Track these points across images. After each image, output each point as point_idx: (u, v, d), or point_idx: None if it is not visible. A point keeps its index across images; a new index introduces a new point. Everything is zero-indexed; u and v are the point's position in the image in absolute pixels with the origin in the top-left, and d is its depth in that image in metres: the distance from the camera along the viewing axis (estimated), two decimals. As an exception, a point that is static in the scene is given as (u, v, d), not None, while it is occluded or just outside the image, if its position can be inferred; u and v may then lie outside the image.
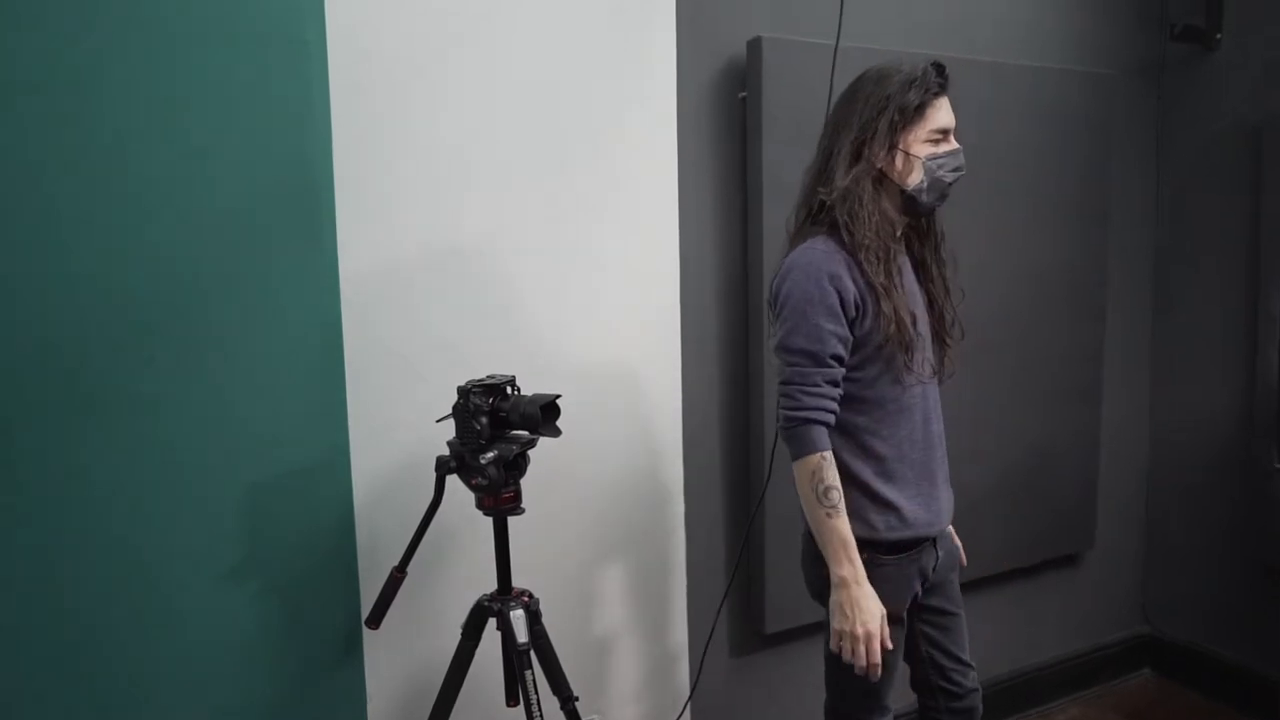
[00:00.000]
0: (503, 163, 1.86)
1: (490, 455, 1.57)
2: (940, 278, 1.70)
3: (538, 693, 1.60)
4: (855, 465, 1.57)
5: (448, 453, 1.62)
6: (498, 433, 1.60)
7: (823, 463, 1.50)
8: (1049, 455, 2.65)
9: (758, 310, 2.11)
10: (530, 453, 1.63)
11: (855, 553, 1.51)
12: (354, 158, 1.71)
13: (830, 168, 1.57)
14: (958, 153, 1.58)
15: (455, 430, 1.61)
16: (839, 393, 1.53)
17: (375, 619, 1.62)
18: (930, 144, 1.55)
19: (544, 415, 1.56)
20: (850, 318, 1.52)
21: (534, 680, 1.60)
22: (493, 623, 1.65)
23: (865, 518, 1.56)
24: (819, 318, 1.50)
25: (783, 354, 1.54)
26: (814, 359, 1.50)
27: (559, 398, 1.59)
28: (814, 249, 1.54)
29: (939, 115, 1.56)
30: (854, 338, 1.54)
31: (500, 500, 1.61)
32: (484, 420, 1.57)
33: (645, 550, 2.12)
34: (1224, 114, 2.71)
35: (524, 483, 1.63)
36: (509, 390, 1.61)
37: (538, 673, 1.62)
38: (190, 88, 1.56)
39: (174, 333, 1.57)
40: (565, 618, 1.97)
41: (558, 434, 1.60)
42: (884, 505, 1.57)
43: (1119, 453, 2.90)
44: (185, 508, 1.60)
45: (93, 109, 1.49)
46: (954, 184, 1.59)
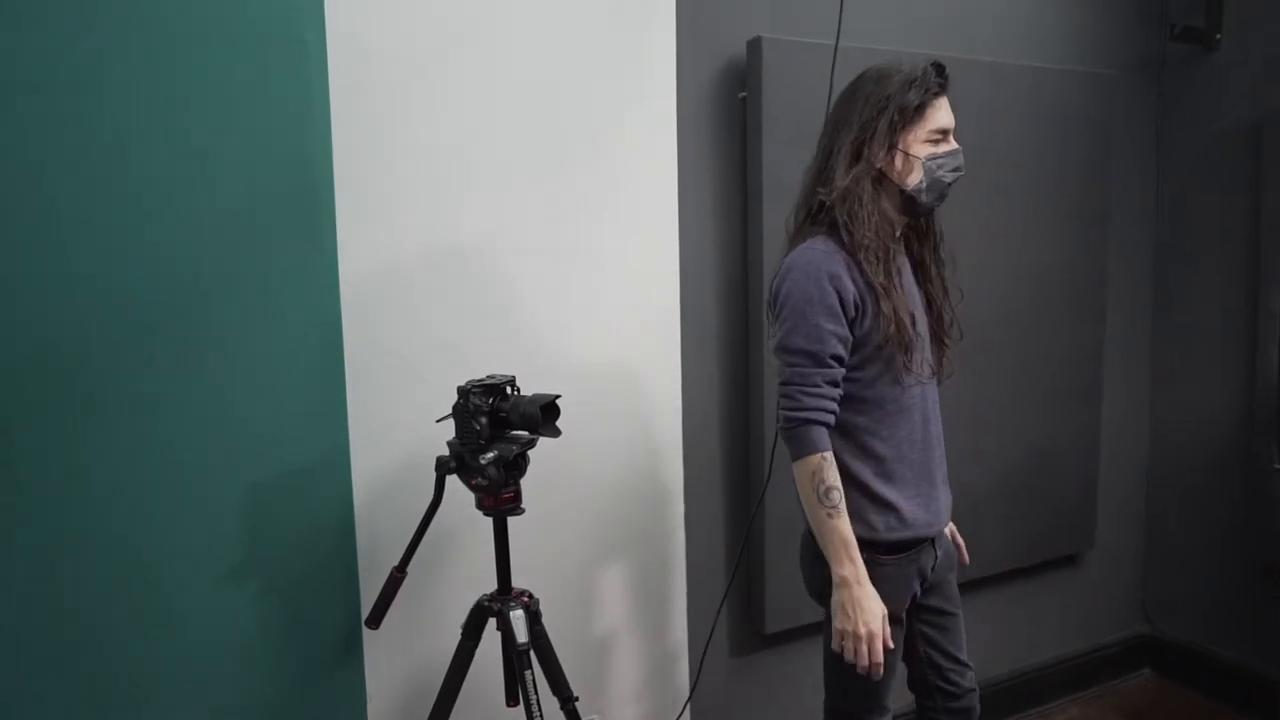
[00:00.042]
0: (503, 163, 1.86)
1: (490, 455, 1.57)
2: (939, 278, 1.70)
3: (537, 693, 1.60)
4: (855, 466, 1.57)
5: (448, 453, 1.62)
6: (498, 433, 1.60)
7: (823, 463, 1.50)
8: (1049, 455, 2.65)
9: (757, 310, 2.11)
10: (530, 453, 1.63)
11: (857, 552, 1.51)
12: (354, 158, 1.71)
13: (830, 167, 1.56)
14: (957, 153, 1.58)
15: (455, 430, 1.61)
16: (839, 393, 1.53)
17: (375, 619, 1.62)
18: (930, 144, 1.55)
19: (544, 415, 1.56)
20: (850, 318, 1.52)
21: (534, 680, 1.60)
22: (493, 623, 1.65)
23: (865, 518, 1.56)
24: (819, 318, 1.50)
25: (782, 354, 1.53)
26: (814, 359, 1.50)
27: (559, 398, 1.59)
28: (813, 249, 1.54)
29: (939, 115, 1.56)
30: (854, 338, 1.54)
31: (500, 500, 1.61)
32: (484, 420, 1.57)
33: (645, 550, 2.12)
34: (1224, 112, 2.71)
35: (524, 483, 1.63)
36: (509, 390, 1.61)
37: (537, 673, 1.62)
38: (190, 88, 1.56)
39: (174, 333, 1.57)
40: (565, 618, 1.97)
41: (558, 434, 1.60)
42: (883, 506, 1.57)
43: (1119, 452, 2.90)
44: (185, 508, 1.61)
45: (93, 109, 1.49)
46: (953, 184, 1.59)
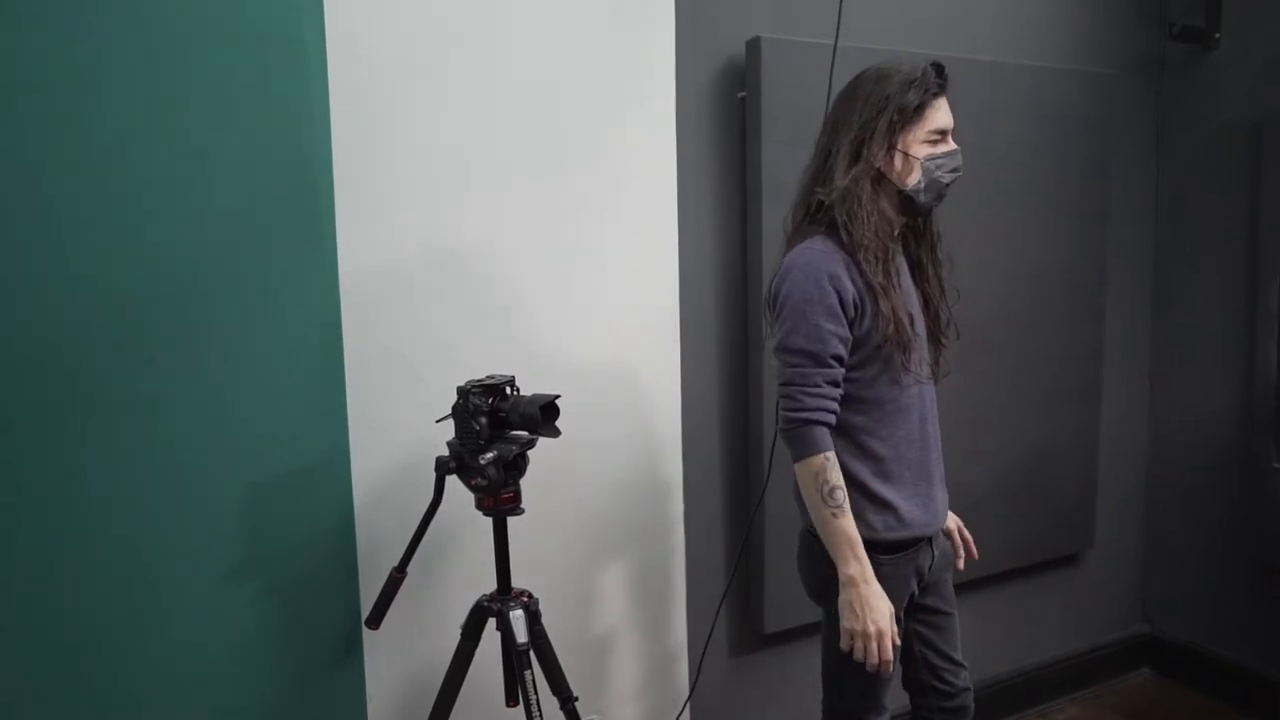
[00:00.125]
0: (503, 163, 1.86)
1: (490, 455, 1.57)
2: (936, 278, 1.69)
3: (537, 693, 1.60)
4: (853, 465, 1.57)
5: (447, 453, 1.62)
6: (497, 433, 1.60)
7: (826, 463, 1.50)
8: (1049, 455, 2.65)
9: (757, 310, 2.11)
10: (530, 453, 1.63)
11: (863, 551, 1.51)
12: (354, 158, 1.71)
13: (829, 167, 1.56)
14: (956, 153, 1.58)
15: (455, 430, 1.61)
16: (839, 393, 1.53)
17: (375, 619, 1.62)
18: (929, 144, 1.55)
19: (543, 415, 1.56)
20: (849, 318, 1.52)
21: (534, 680, 1.60)
22: (492, 623, 1.65)
23: (863, 518, 1.56)
24: (819, 318, 1.50)
25: (783, 355, 1.53)
26: (814, 359, 1.50)
27: (558, 398, 1.59)
28: (813, 249, 1.54)
29: (938, 116, 1.56)
30: (853, 338, 1.53)
31: (500, 500, 1.61)
32: (483, 420, 1.57)
33: (645, 550, 2.12)
34: (1223, 112, 2.71)
35: (524, 483, 1.63)
36: (508, 390, 1.61)
37: (537, 673, 1.62)
38: (190, 88, 1.56)
39: (174, 333, 1.57)
40: (565, 617, 1.97)
41: (557, 434, 1.60)
42: (882, 505, 1.57)
43: (1119, 452, 2.90)
44: (185, 508, 1.61)
45: (93, 109, 1.49)
46: (951, 184, 1.59)
